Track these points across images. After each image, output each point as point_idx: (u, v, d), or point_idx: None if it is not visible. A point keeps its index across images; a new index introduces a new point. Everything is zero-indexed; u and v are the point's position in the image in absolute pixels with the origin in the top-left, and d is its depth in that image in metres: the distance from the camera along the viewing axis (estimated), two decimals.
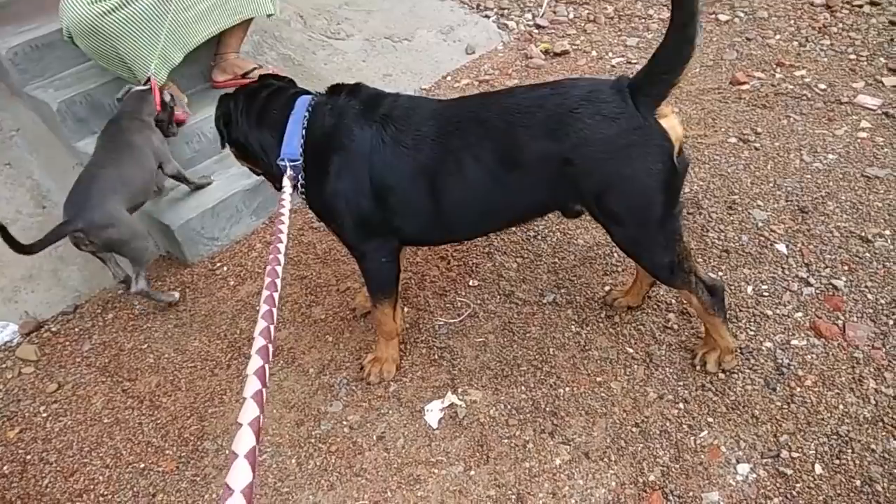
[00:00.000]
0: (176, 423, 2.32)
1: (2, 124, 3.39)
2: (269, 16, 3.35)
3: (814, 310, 2.37)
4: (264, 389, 1.12)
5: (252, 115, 2.15)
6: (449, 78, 4.27)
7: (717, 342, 2.16)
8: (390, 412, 2.25)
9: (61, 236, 2.54)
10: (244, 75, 3.52)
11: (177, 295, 2.83)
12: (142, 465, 2.18)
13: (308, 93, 2.18)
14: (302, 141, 2.04)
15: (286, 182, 1.97)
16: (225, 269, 3.00)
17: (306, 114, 2.06)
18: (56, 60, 3.39)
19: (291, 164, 2.03)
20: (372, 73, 4.15)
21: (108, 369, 2.57)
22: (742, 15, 4.41)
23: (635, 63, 4.14)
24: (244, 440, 1.00)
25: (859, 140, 3.15)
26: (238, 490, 0.92)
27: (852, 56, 3.81)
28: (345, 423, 2.23)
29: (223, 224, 3.10)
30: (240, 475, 0.94)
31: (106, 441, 2.29)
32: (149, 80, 2.94)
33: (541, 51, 4.41)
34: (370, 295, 2.30)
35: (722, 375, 2.19)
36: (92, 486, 2.14)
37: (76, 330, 2.77)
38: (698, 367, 2.21)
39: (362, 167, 2.02)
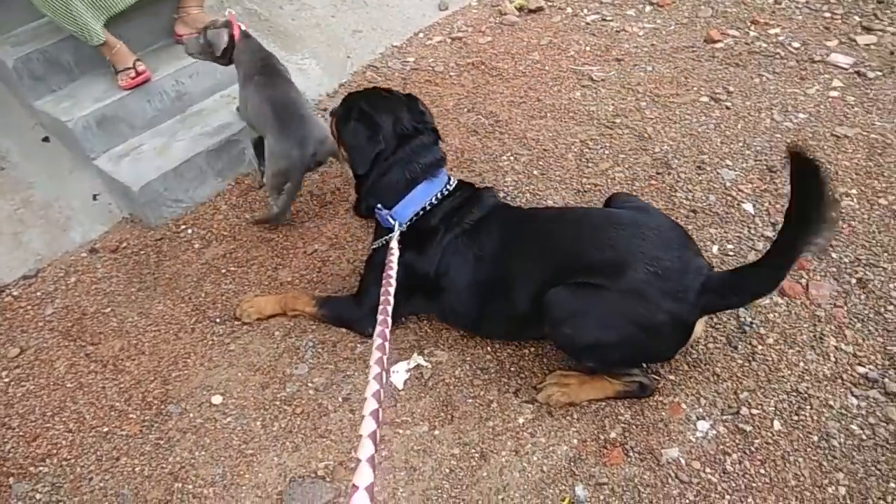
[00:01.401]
0: (139, 386, 2.29)
1: None
2: None
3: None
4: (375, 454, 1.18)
5: (399, 153, 2.17)
6: (421, 35, 4.18)
7: (576, 392, 2.05)
8: (356, 374, 2.24)
9: (309, 169, 2.72)
10: None
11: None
12: (105, 429, 2.17)
13: (443, 162, 2.26)
14: (416, 214, 2.16)
15: (395, 245, 2.02)
16: (189, 231, 2.95)
17: (436, 198, 2.17)
18: (10, 16, 3.26)
19: (400, 225, 2.15)
20: (341, 28, 4.05)
21: (70, 333, 2.53)
22: None
23: (610, 20, 4.07)
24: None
25: (830, 99, 3.14)
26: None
27: (827, 14, 3.77)
28: (310, 385, 2.22)
29: (186, 185, 3.03)
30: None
31: (69, 405, 2.26)
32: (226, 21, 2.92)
33: (515, 7, 4.32)
34: (343, 309, 2.39)
35: None
36: (55, 451, 2.12)
37: (38, 294, 2.71)
38: (539, 397, 2.08)
39: (436, 256, 2.14)
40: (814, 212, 1.55)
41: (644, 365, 2.06)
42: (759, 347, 2.15)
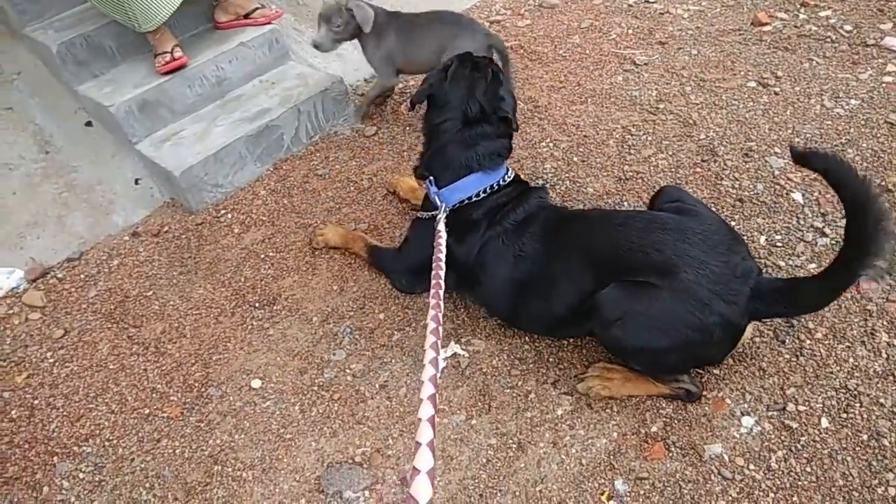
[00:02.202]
0: (181, 369, 2.32)
1: (3, 67, 3.33)
2: None
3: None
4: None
5: (460, 134, 2.21)
6: None
7: (618, 387, 2.01)
8: (393, 361, 2.24)
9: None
10: (246, 16, 3.43)
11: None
12: (146, 411, 2.20)
13: (503, 155, 2.26)
14: (462, 202, 2.17)
15: (442, 227, 2.03)
16: (229, 216, 2.97)
17: (485, 191, 2.18)
18: (55, 1, 3.31)
19: (445, 208, 2.15)
20: None
21: (113, 316, 2.57)
22: None
23: (653, 2, 3.98)
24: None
25: (884, 85, 3.01)
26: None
27: None
28: (348, 371, 2.23)
29: (227, 171, 3.05)
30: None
31: (111, 387, 2.30)
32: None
33: None
34: (385, 260, 2.51)
35: None
36: (98, 431, 2.16)
37: (82, 276, 2.76)
38: (579, 387, 2.06)
39: (473, 249, 2.14)
40: (871, 234, 1.51)
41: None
42: (808, 342, 2.08)
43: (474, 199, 2.17)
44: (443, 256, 1.84)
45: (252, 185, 3.12)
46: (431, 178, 2.24)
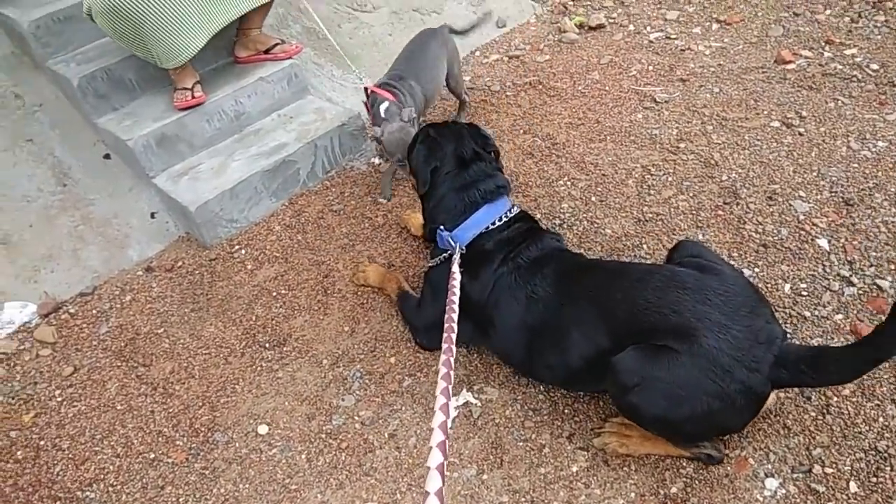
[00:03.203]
0: (188, 412, 2.29)
1: (24, 98, 3.36)
2: None
3: (855, 312, 2.22)
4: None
5: (457, 179, 2.26)
6: (478, 53, 4.12)
7: (635, 445, 1.93)
8: (403, 409, 2.18)
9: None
10: (267, 51, 3.44)
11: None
12: (152, 456, 2.16)
13: (504, 188, 2.30)
14: (475, 234, 2.17)
15: (457, 268, 2.02)
16: (243, 252, 2.95)
17: (498, 220, 2.19)
18: (78, 34, 3.35)
19: (459, 248, 2.17)
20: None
21: (123, 353, 2.55)
22: None
23: (675, 38, 3.94)
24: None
25: None
26: None
27: None
28: (357, 418, 2.17)
29: (242, 206, 3.04)
30: None
31: (118, 429, 2.27)
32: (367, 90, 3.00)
33: (575, 24, 4.23)
34: (407, 311, 2.45)
35: None
36: (102, 476, 2.12)
37: (94, 312, 2.75)
38: (595, 442, 1.98)
39: (488, 285, 2.10)
40: None
41: None
42: (835, 399, 1.99)
43: (487, 230, 2.17)
44: (456, 299, 1.80)
45: (267, 221, 3.11)
46: (441, 227, 2.23)
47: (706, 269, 1.87)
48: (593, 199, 2.88)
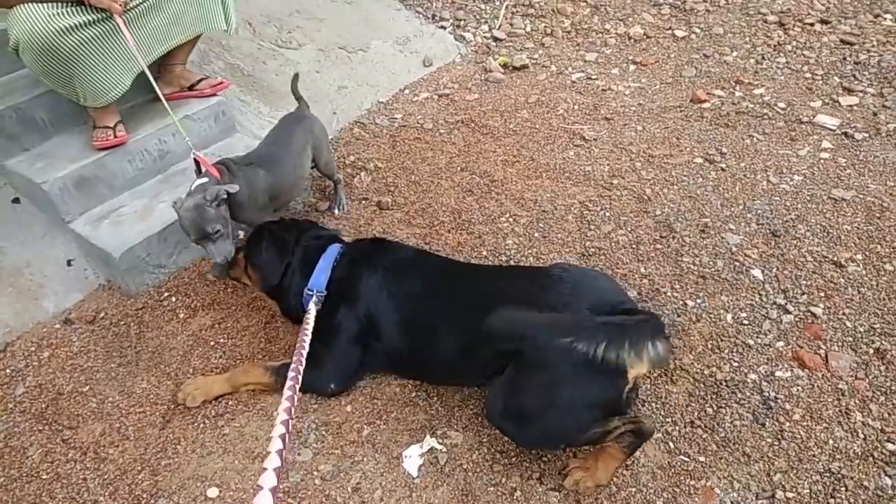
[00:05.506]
0: (125, 477, 2.09)
1: None
2: (224, 31, 3.12)
3: (795, 338, 2.34)
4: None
5: (300, 267, 2.39)
6: (407, 91, 4.13)
7: (597, 472, 1.90)
8: (365, 459, 2.08)
9: None
10: (191, 87, 3.30)
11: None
12: None
13: (338, 240, 2.49)
14: (327, 278, 2.33)
15: (312, 306, 2.23)
16: (174, 299, 2.77)
17: (335, 260, 2.37)
18: None
19: (318, 293, 2.29)
20: (326, 84, 3.97)
21: (45, 416, 2.31)
22: (698, 31, 4.43)
23: (595, 79, 4.09)
24: None
25: (822, 161, 3.16)
26: None
27: (808, 75, 3.85)
28: (316, 473, 2.06)
29: (171, 250, 2.86)
30: None
31: (46, 501, 2.04)
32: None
33: (499, 64, 4.32)
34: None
35: (710, 410, 2.12)
36: None
37: (7, 371, 2.49)
38: (566, 483, 1.94)
39: (365, 303, 2.27)
40: None
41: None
42: (787, 424, 2.07)
43: (335, 266, 2.34)
44: (308, 336, 2.05)
45: (197, 265, 2.94)
46: (303, 292, 2.32)
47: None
48: (536, 234, 2.91)
